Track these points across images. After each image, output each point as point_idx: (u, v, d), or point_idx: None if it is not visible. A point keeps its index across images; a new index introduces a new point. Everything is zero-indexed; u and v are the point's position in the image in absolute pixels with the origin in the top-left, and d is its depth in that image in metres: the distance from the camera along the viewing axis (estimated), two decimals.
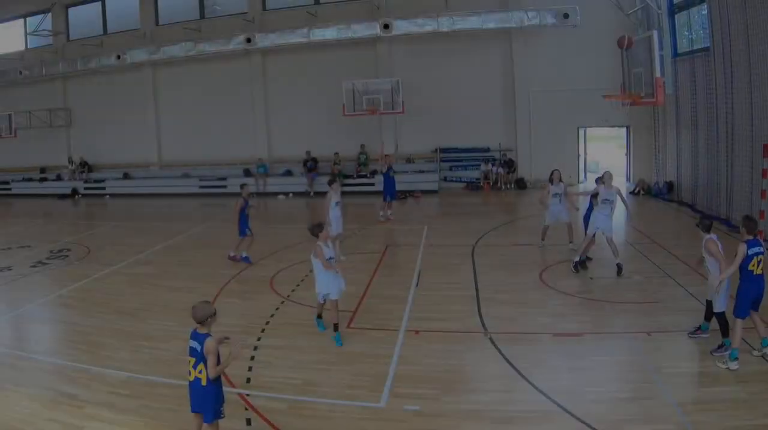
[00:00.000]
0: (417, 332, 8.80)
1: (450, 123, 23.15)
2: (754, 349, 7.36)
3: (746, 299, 7.09)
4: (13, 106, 28.52)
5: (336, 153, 23.70)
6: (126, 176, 28.35)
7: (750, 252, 7.00)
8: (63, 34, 28.60)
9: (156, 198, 26.03)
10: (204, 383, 5.44)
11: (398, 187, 18.47)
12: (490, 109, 22.98)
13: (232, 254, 13.29)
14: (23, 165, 30.62)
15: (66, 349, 9.03)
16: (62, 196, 28.02)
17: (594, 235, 11.22)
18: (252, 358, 8.10)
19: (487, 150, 23.22)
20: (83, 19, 28.82)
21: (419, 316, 9.50)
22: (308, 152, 24.11)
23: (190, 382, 5.53)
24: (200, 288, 11.24)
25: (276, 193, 24.46)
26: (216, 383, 5.49)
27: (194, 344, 5.44)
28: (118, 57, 25.70)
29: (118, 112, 27.91)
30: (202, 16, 26.24)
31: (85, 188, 28.16)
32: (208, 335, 5.40)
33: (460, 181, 23.66)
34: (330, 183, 13.07)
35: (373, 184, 22.68)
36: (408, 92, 22.06)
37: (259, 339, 8.82)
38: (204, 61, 25.45)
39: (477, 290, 10.70)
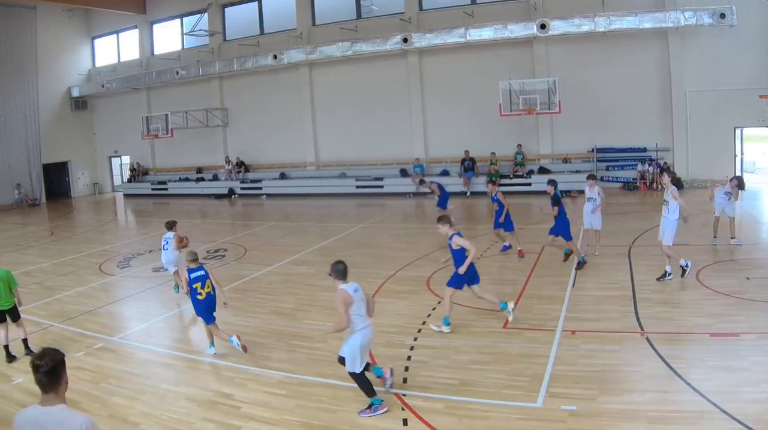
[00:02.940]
0: (573, 332, 10.61)
1: (606, 123, 29.33)
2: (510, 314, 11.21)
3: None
4: (169, 106, 37.82)
5: (492, 153, 30.75)
6: (282, 176, 36.51)
7: None
8: (219, 34, 37.62)
9: (312, 198, 32.73)
10: (213, 293, 10.33)
11: None
12: (646, 108, 28.66)
13: (519, 248, 16.72)
14: (180, 165, 40.18)
15: (222, 349, 10.71)
16: (219, 196, 36.34)
17: None
18: (408, 358, 9.87)
19: (644, 150, 29.02)
20: (239, 19, 37.69)
21: (575, 316, 11.45)
22: (467, 152, 30.92)
23: (201, 300, 10.00)
24: None
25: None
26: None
27: (198, 274, 10.27)
28: (275, 57, 33.98)
29: (274, 112, 36.73)
30: (359, 16, 34.41)
31: (242, 188, 36.52)
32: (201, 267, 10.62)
33: (617, 181, 29.64)
34: (590, 178, 16.53)
35: (530, 184, 29.27)
36: (564, 92, 27.87)
37: (415, 339, 10.70)
38: (360, 61, 33.46)
39: (633, 289, 12.87)
